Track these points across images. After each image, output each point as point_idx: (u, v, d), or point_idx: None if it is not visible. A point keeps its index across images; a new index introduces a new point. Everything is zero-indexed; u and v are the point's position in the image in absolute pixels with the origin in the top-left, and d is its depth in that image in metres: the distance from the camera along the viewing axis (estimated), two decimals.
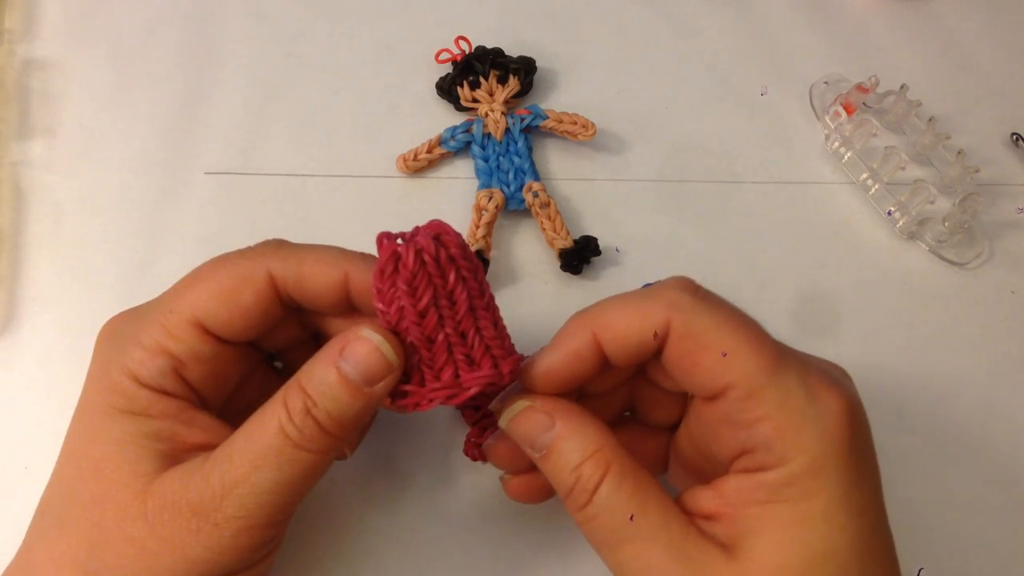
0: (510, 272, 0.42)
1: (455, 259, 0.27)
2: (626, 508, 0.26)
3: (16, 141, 0.43)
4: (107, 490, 0.27)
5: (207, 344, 0.28)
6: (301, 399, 0.27)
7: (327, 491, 0.37)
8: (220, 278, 0.29)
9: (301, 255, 0.29)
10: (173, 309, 0.28)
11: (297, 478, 0.27)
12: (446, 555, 0.36)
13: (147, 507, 0.26)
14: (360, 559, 0.36)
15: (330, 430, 0.27)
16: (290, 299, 0.30)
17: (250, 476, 0.26)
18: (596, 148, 0.45)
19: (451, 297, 0.27)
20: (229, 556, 0.26)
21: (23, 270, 0.41)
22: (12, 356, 0.39)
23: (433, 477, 0.38)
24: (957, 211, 0.42)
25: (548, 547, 0.37)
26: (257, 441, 0.27)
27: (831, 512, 0.25)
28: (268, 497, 0.26)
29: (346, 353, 0.27)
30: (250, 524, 0.26)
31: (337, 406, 0.27)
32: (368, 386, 0.27)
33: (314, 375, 0.27)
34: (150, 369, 0.28)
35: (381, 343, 0.27)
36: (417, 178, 0.44)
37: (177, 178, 0.43)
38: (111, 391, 0.28)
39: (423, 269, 0.27)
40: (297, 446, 0.26)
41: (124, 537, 0.26)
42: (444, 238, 0.27)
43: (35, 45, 0.46)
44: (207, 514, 0.26)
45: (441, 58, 0.45)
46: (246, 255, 0.29)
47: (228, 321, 0.28)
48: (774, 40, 0.49)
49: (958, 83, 0.49)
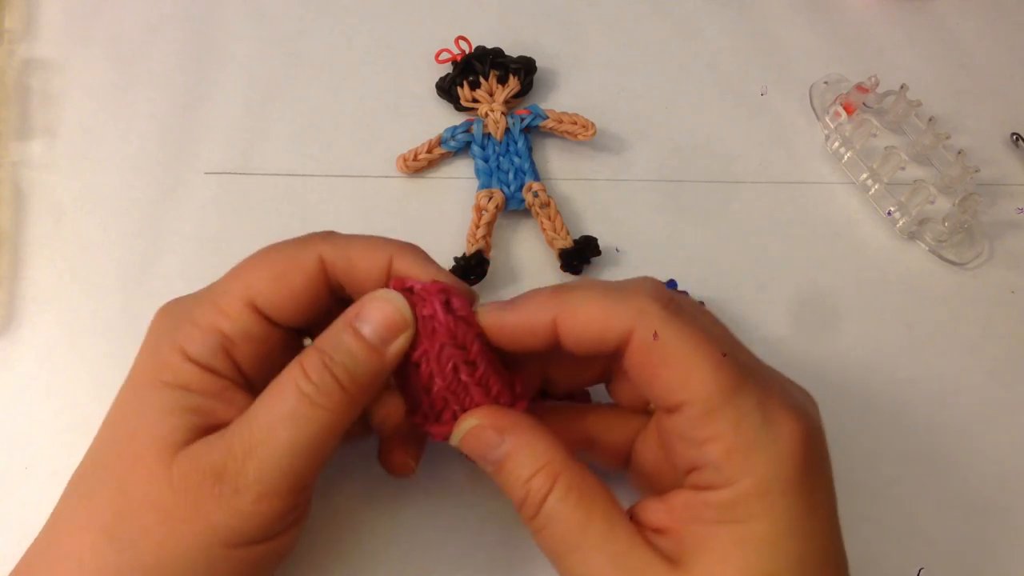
0: (510, 272, 0.42)
1: (454, 330, 0.29)
2: (572, 518, 0.27)
3: (16, 141, 0.43)
4: (137, 458, 0.27)
5: (258, 325, 0.29)
6: (318, 357, 0.28)
7: (327, 491, 0.37)
8: (273, 261, 0.30)
9: (350, 240, 0.31)
10: (227, 290, 0.29)
11: (313, 438, 0.27)
12: (446, 556, 0.36)
13: (172, 473, 0.27)
14: (360, 559, 0.36)
15: (346, 386, 0.27)
16: (338, 284, 0.31)
17: (268, 438, 0.27)
18: (596, 148, 0.45)
19: (440, 360, 0.29)
20: (251, 523, 0.27)
21: (23, 270, 0.41)
22: (12, 356, 0.39)
23: (433, 477, 0.37)
24: (957, 211, 0.42)
25: None
26: (274, 403, 0.27)
27: (775, 536, 0.26)
28: (286, 460, 0.27)
29: (363, 315, 0.28)
30: (270, 489, 0.27)
31: (353, 362, 0.28)
32: (383, 344, 0.28)
33: (330, 336, 0.28)
34: (200, 345, 0.28)
35: (396, 299, 0.28)
36: (417, 178, 0.44)
37: (177, 178, 0.43)
38: (159, 365, 0.28)
39: (431, 328, 0.29)
40: (313, 403, 0.27)
41: (149, 503, 0.27)
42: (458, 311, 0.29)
43: (35, 45, 0.46)
44: (229, 479, 0.26)
45: (441, 58, 0.45)
46: (298, 241, 0.31)
47: (280, 303, 0.29)
48: (774, 40, 0.49)
49: (958, 83, 0.49)
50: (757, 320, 0.41)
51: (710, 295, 0.41)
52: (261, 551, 0.28)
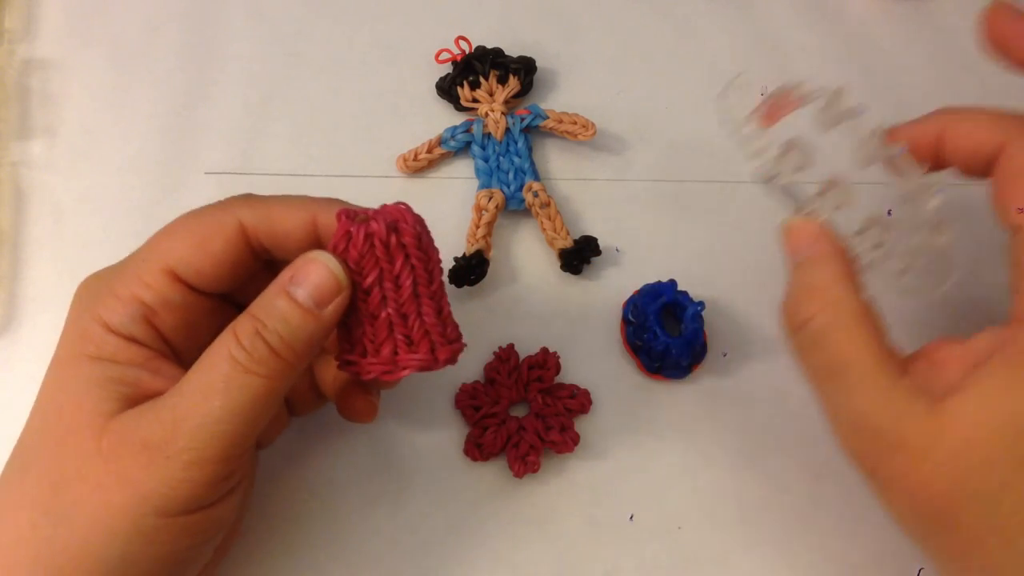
0: (510, 272, 0.42)
1: (406, 247, 0.28)
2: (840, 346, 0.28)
3: (16, 141, 0.43)
4: (67, 432, 0.27)
5: (179, 292, 0.29)
6: (251, 324, 0.27)
7: (327, 491, 0.37)
8: (192, 227, 0.30)
9: (269, 202, 0.30)
10: (146, 259, 0.29)
11: (248, 405, 0.27)
12: (446, 555, 0.36)
13: (102, 445, 0.27)
14: (360, 559, 0.36)
15: (280, 352, 0.27)
16: (261, 247, 0.30)
17: (200, 406, 0.26)
18: (596, 148, 0.45)
19: (397, 281, 0.29)
20: (182, 490, 0.26)
21: (23, 270, 0.41)
22: (12, 356, 0.39)
23: (433, 477, 0.38)
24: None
25: (547, 548, 0.37)
26: (207, 371, 0.27)
27: None
28: (218, 427, 0.26)
29: (297, 278, 0.28)
30: (202, 456, 0.26)
31: (287, 327, 0.27)
32: (318, 308, 0.28)
33: (263, 301, 0.28)
34: (120, 316, 0.28)
35: (330, 262, 0.28)
36: (417, 178, 0.44)
37: (177, 178, 0.43)
38: (81, 338, 0.28)
39: (371, 251, 0.28)
40: (247, 370, 0.27)
41: (82, 476, 0.27)
42: (400, 225, 0.28)
43: (35, 45, 0.45)
44: (159, 447, 0.26)
45: (441, 58, 0.45)
46: (217, 206, 0.30)
47: (199, 269, 0.29)
48: (774, 40, 0.49)
49: (958, 83, 0.49)
50: (757, 320, 0.41)
51: (710, 295, 0.41)
52: (197, 520, 0.28)
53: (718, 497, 0.38)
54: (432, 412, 0.39)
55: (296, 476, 0.37)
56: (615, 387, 0.40)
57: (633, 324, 0.40)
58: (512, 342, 0.39)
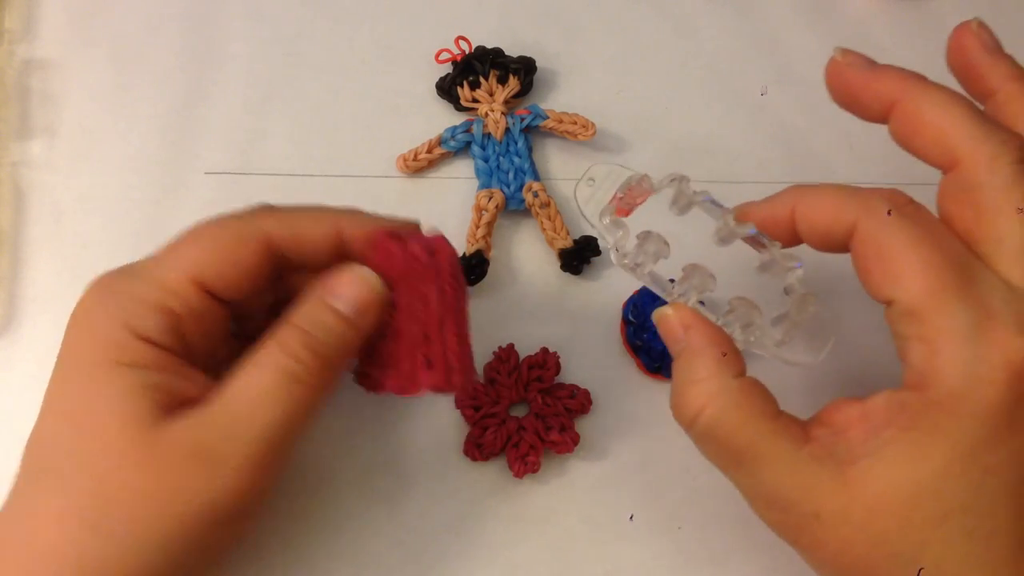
0: (510, 272, 0.42)
1: (440, 271, 0.30)
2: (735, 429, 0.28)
3: (16, 141, 0.43)
4: (108, 441, 0.27)
5: (204, 302, 0.29)
6: (297, 334, 0.28)
7: (327, 491, 0.37)
8: (218, 237, 0.30)
9: (295, 213, 0.31)
10: (173, 267, 0.29)
11: (299, 414, 0.28)
12: (446, 555, 0.36)
13: (151, 454, 0.27)
14: (360, 559, 0.36)
15: (327, 361, 0.28)
16: (283, 257, 0.31)
17: (252, 414, 0.27)
18: (596, 148, 0.45)
19: (426, 301, 0.30)
20: (236, 499, 0.27)
21: (23, 270, 0.41)
22: (12, 356, 0.39)
23: (433, 477, 0.38)
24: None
25: (547, 548, 0.37)
26: (256, 381, 0.28)
27: (949, 459, 0.25)
28: (271, 434, 0.27)
29: (337, 290, 0.29)
30: (256, 464, 0.27)
31: (331, 337, 0.28)
32: (360, 317, 0.29)
33: (307, 313, 0.29)
34: (149, 323, 0.28)
35: (370, 276, 0.29)
36: (417, 178, 0.44)
37: (177, 178, 0.43)
38: (108, 344, 0.28)
39: (410, 270, 0.29)
40: (297, 379, 0.27)
41: (128, 487, 0.26)
42: (439, 255, 0.30)
43: (35, 45, 0.45)
44: (211, 456, 0.27)
45: (441, 58, 0.45)
46: (241, 215, 0.31)
47: (226, 278, 0.29)
48: (774, 40, 0.49)
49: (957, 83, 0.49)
50: None
51: (711, 294, 0.40)
52: (244, 526, 0.28)
53: (718, 497, 0.38)
54: (432, 412, 0.39)
55: (296, 476, 0.37)
56: (615, 387, 0.40)
57: (633, 324, 0.40)
58: (512, 342, 0.39)
